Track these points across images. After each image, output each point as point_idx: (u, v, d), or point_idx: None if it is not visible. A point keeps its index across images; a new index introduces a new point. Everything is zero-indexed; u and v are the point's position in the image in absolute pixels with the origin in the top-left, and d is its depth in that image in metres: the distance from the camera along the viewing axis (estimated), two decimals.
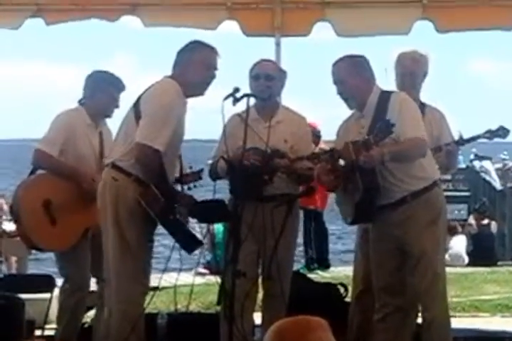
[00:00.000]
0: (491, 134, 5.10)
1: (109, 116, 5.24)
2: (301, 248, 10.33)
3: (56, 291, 5.49)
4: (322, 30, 6.40)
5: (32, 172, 5.12)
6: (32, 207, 4.91)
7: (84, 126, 5.13)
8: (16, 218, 5.06)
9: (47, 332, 5.25)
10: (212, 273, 8.59)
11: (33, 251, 8.32)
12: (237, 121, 4.82)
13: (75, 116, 5.15)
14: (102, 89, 5.13)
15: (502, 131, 5.08)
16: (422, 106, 5.05)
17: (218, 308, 4.85)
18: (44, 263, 11.72)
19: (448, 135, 5.13)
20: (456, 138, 5.17)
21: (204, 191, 5.18)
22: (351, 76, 4.51)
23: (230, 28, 6.26)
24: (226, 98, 4.58)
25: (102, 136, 5.21)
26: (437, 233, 4.46)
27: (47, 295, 5.20)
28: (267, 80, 4.91)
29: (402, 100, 4.48)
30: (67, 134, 5.03)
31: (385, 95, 4.51)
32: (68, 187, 4.96)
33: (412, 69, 5.06)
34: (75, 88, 5.37)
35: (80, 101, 5.23)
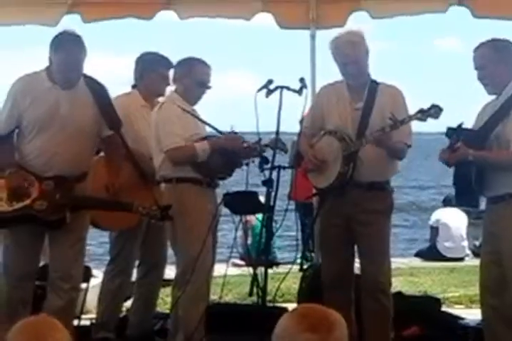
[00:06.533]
0: (422, 114, 4.45)
1: (161, 94, 5.29)
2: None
3: (92, 282, 5.57)
4: (357, 21, 6.34)
5: None
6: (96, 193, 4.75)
7: (139, 108, 5.22)
8: None
9: (83, 322, 5.31)
10: (247, 264, 8.60)
11: None
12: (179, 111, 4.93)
13: (125, 100, 5.20)
14: (150, 69, 5.22)
15: (434, 110, 4.43)
16: (375, 84, 4.80)
17: (252, 299, 4.86)
18: None
19: (404, 113, 4.66)
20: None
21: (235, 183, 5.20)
22: (492, 62, 4.30)
23: (264, 20, 6.26)
24: (260, 90, 4.59)
25: None
26: None
27: (83, 285, 5.25)
28: None
29: None
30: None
31: None
32: (126, 168, 4.87)
33: (355, 57, 4.69)
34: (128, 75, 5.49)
35: (133, 86, 5.33)
